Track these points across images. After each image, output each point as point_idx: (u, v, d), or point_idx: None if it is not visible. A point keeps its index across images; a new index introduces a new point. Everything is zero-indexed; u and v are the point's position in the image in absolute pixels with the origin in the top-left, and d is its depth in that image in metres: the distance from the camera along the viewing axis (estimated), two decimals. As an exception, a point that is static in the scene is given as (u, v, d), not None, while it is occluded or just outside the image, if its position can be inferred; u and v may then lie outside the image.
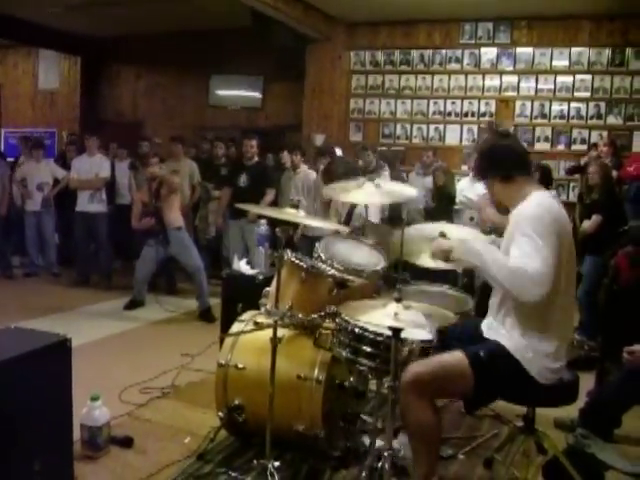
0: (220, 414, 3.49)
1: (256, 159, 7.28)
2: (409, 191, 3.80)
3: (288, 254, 3.45)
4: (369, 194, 3.49)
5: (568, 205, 6.04)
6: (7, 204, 8.40)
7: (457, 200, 7.28)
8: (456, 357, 2.72)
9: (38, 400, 2.76)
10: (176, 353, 5.22)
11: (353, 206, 5.36)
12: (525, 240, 2.58)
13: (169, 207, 6.72)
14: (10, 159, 10.11)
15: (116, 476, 3.29)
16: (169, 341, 5.79)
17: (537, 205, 2.67)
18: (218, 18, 9.81)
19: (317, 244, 3.67)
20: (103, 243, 8.22)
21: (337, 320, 3.14)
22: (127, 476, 3.28)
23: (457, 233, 3.73)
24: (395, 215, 6.33)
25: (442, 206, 7.46)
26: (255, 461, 3.24)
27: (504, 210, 3.00)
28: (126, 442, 3.61)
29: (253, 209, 5.67)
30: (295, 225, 6.10)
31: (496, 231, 3.66)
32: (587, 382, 3.95)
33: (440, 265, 3.18)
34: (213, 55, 10.97)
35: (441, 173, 7.76)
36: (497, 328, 2.82)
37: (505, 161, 2.86)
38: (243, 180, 7.17)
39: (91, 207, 8.03)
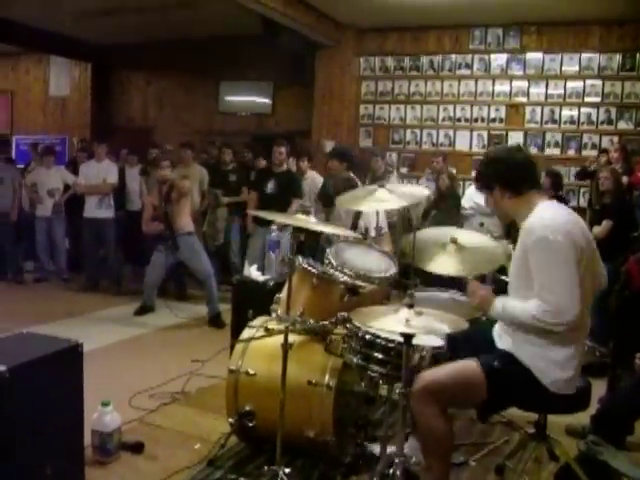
0: (231, 420, 3.49)
1: (285, 166, 7.25)
2: (421, 191, 3.78)
3: (300, 260, 3.45)
4: (382, 200, 3.45)
5: (578, 210, 5.99)
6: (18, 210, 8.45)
7: (467, 206, 7.26)
8: (470, 367, 2.72)
9: (50, 405, 2.78)
10: (186, 359, 5.22)
11: (357, 216, 5.33)
12: (539, 271, 2.60)
13: (179, 212, 6.73)
14: (20, 165, 10.17)
15: (126, 482, 3.30)
16: (179, 347, 5.80)
17: (542, 227, 2.63)
18: (228, 25, 9.83)
19: (328, 250, 3.67)
20: (112, 249, 8.25)
21: (348, 326, 3.13)
22: (137, 482, 3.29)
23: (467, 238, 3.74)
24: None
25: (447, 211, 7.43)
26: (266, 467, 3.24)
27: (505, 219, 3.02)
28: (137, 448, 3.61)
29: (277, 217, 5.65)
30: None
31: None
32: (599, 388, 3.93)
33: (450, 272, 3.18)
34: (223, 61, 11.00)
35: (446, 178, 7.74)
36: (508, 337, 2.81)
37: (517, 177, 2.84)
38: (270, 187, 7.12)
39: (99, 213, 8.06)
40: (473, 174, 8.64)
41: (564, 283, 2.55)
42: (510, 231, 3.04)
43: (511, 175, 2.84)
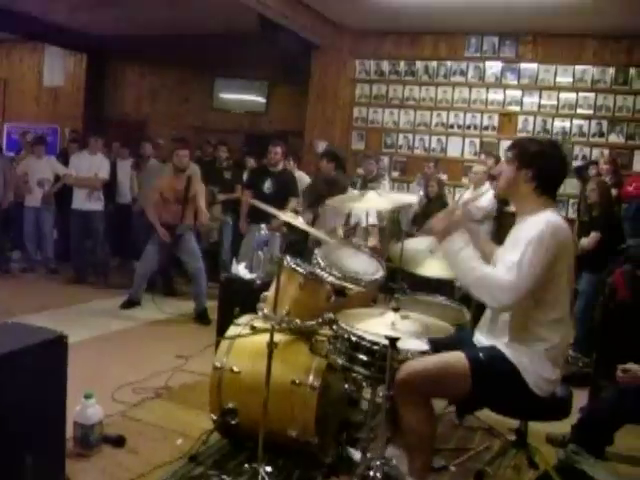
0: (213, 417, 3.49)
1: (281, 166, 7.25)
2: (409, 198, 3.80)
3: (287, 260, 3.46)
4: (372, 200, 3.50)
5: (567, 221, 6.05)
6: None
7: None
8: (456, 357, 2.74)
9: (33, 395, 2.77)
10: (171, 354, 5.22)
11: (349, 213, 5.38)
12: (517, 253, 2.61)
13: (191, 207, 6.74)
14: (10, 154, 10.12)
15: (107, 475, 3.28)
16: (164, 342, 5.79)
17: (545, 225, 2.65)
18: (224, 22, 9.82)
19: (316, 251, 3.68)
20: (100, 241, 8.21)
21: (334, 327, 3.15)
22: (118, 475, 3.27)
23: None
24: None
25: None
26: (247, 465, 3.24)
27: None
28: (118, 441, 3.60)
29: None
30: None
31: None
32: (580, 398, 3.96)
33: (438, 275, 3.19)
34: (218, 58, 11.00)
35: (434, 184, 7.77)
36: (491, 339, 2.83)
37: (553, 181, 2.84)
38: (267, 186, 7.11)
39: (88, 205, 8.02)
40: (464, 180, 8.72)
41: (531, 270, 2.58)
42: (499, 234, 3.04)
43: (552, 176, 2.83)
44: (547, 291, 2.67)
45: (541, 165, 2.78)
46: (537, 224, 2.66)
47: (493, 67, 9.20)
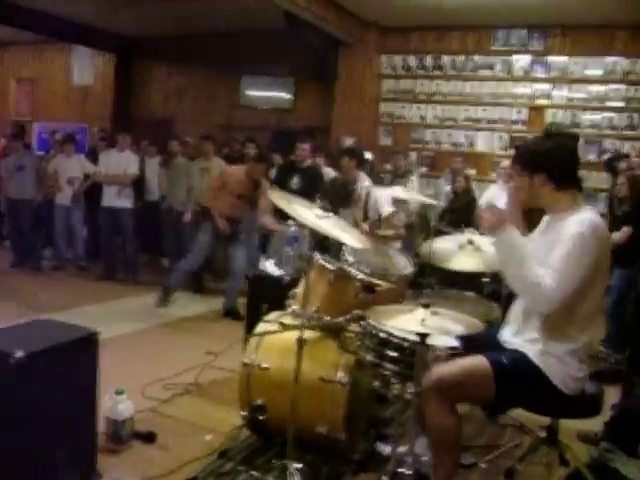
0: (243, 413, 3.50)
1: (309, 162, 7.25)
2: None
3: (317, 256, 3.45)
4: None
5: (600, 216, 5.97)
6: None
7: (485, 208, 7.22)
8: (479, 362, 2.71)
9: (65, 391, 2.81)
10: (200, 351, 5.25)
11: (366, 203, 5.41)
12: (561, 253, 2.57)
13: (258, 205, 6.72)
14: (40, 153, 10.25)
15: (137, 470, 3.31)
16: (193, 338, 5.82)
17: (587, 228, 2.59)
18: (251, 19, 9.85)
19: (345, 247, 3.67)
20: (129, 238, 8.27)
21: (362, 324, 3.14)
22: (148, 471, 3.30)
23: (484, 240, 3.75)
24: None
25: (461, 212, 7.40)
26: (276, 461, 3.25)
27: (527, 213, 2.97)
28: (149, 437, 3.64)
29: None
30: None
31: None
32: (612, 395, 3.91)
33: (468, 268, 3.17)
34: (245, 56, 11.03)
35: (461, 179, 7.71)
36: (518, 337, 2.80)
37: (567, 170, 2.78)
38: (295, 182, 7.12)
39: (117, 202, 8.06)
40: (492, 175, 8.65)
41: (570, 282, 2.54)
42: (530, 226, 2.97)
43: (564, 169, 2.76)
44: (583, 295, 2.63)
45: (549, 163, 2.73)
46: (580, 225, 2.60)
47: (521, 60, 9.11)
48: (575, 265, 2.54)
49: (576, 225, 2.61)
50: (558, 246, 2.60)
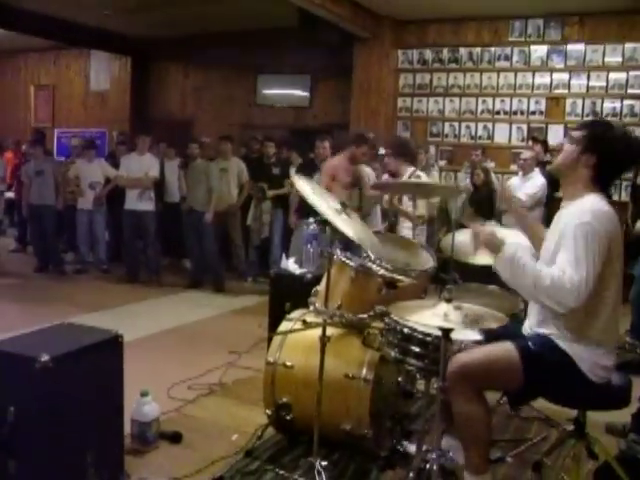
0: (268, 412, 3.51)
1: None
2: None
3: (338, 253, 3.44)
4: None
5: (620, 205, 5.90)
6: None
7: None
8: (505, 347, 2.69)
9: (91, 394, 2.82)
10: (223, 350, 5.27)
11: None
12: (572, 248, 2.53)
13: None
14: (61, 158, 10.35)
15: (164, 471, 3.33)
16: (217, 338, 5.84)
17: (591, 216, 2.55)
18: (265, 17, 9.86)
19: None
20: (151, 241, 8.32)
21: (386, 320, 3.12)
22: (175, 471, 3.31)
23: (506, 233, 3.71)
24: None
25: (481, 205, 7.33)
26: (302, 459, 3.25)
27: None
28: (175, 438, 3.66)
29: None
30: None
31: None
32: (639, 386, 3.86)
33: (487, 260, 3.15)
34: (260, 54, 11.05)
35: (480, 172, 7.65)
36: (541, 327, 2.77)
37: (617, 167, 2.73)
38: (317, 180, 7.12)
39: (139, 205, 8.12)
40: (512, 167, 8.58)
41: (590, 268, 2.50)
42: (549, 221, 2.92)
43: (614, 169, 2.72)
44: (601, 281, 2.58)
45: (606, 154, 2.66)
46: (581, 214, 2.56)
47: (538, 50, 9.03)
48: (587, 255, 2.50)
49: (577, 218, 2.57)
50: (565, 242, 2.57)
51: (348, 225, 3.04)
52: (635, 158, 2.79)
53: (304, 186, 3.11)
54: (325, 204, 3.04)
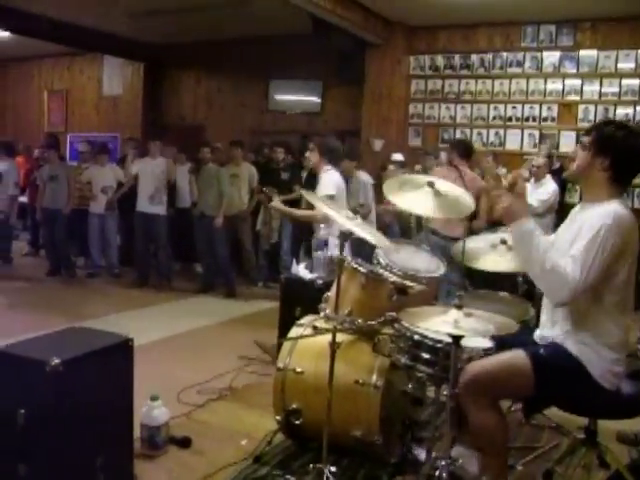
0: (277, 417, 3.51)
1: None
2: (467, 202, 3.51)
3: (348, 259, 3.44)
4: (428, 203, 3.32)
5: (635, 211, 5.86)
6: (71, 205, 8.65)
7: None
8: (516, 356, 2.68)
9: (101, 398, 2.83)
10: (233, 355, 5.27)
11: None
12: (583, 243, 2.53)
13: None
14: (74, 163, 10.41)
15: (174, 476, 3.33)
16: (227, 343, 5.85)
17: (612, 220, 2.54)
18: (278, 24, 9.88)
19: (377, 249, 3.65)
20: (163, 245, 8.34)
21: (396, 326, 3.12)
22: (184, 476, 3.32)
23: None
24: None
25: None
26: (312, 465, 3.23)
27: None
28: (184, 442, 3.65)
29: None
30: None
31: None
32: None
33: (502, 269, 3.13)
34: (272, 60, 11.08)
35: (491, 179, 7.61)
36: (553, 330, 2.76)
37: (633, 165, 2.71)
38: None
39: (151, 208, 8.13)
40: (524, 173, 8.52)
41: (594, 267, 2.50)
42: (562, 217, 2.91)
43: (630, 166, 2.70)
44: (608, 284, 2.59)
45: (619, 154, 2.65)
46: (604, 217, 2.55)
47: (551, 56, 9.01)
48: (597, 253, 2.50)
49: (599, 217, 2.56)
50: (580, 237, 2.57)
51: (365, 231, 3.07)
52: None
53: (316, 200, 3.14)
54: (341, 214, 3.07)
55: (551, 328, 2.79)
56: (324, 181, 5.07)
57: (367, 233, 3.14)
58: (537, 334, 2.90)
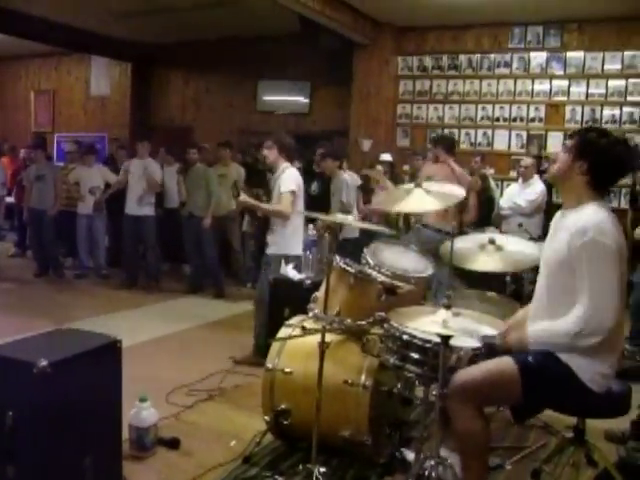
0: (266, 418, 3.51)
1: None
2: (457, 191, 3.56)
3: (337, 259, 3.44)
4: (421, 200, 3.36)
5: (619, 212, 5.90)
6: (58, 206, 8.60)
7: (505, 206, 7.19)
8: (504, 363, 2.69)
9: (89, 399, 2.81)
10: (223, 356, 5.26)
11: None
12: (585, 275, 2.54)
13: None
14: (61, 163, 10.36)
15: (162, 477, 3.33)
16: (216, 344, 5.83)
17: (592, 228, 2.54)
18: (266, 24, 9.88)
19: (365, 249, 3.65)
20: (151, 246, 8.31)
21: (385, 326, 3.12)
22: (173, 477, 3.32)
23: (505, 240, 3.72)
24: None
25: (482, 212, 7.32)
26: (301, 466, 3.24)
27: None
28: (173, 443, 3.64)
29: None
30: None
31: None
32: (638, 393, 3.86)
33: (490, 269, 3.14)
34: (260, 61, 11.07)
35: (478, 179, 7.64)
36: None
37: (610, 172, 2.71)
38: (314, 188, 7.14)
39: (140, 210, 8.10)
40: (512, 174, 8.59)
41: (610, 291, 2.52)
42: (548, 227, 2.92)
43: (607, 173, 2.71)
44: None
45: (598, 159, 2.67)
46: (583, 231, 2.55)
47: (538, 57, 9.06)
48: (606, 276, 2.53)
49: (580, 235, 2.56)
50: (579, 273, 2.57)
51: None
52: (627, 165, 2.77)
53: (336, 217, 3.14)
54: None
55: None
56: (285, 178, 5.11)
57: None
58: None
